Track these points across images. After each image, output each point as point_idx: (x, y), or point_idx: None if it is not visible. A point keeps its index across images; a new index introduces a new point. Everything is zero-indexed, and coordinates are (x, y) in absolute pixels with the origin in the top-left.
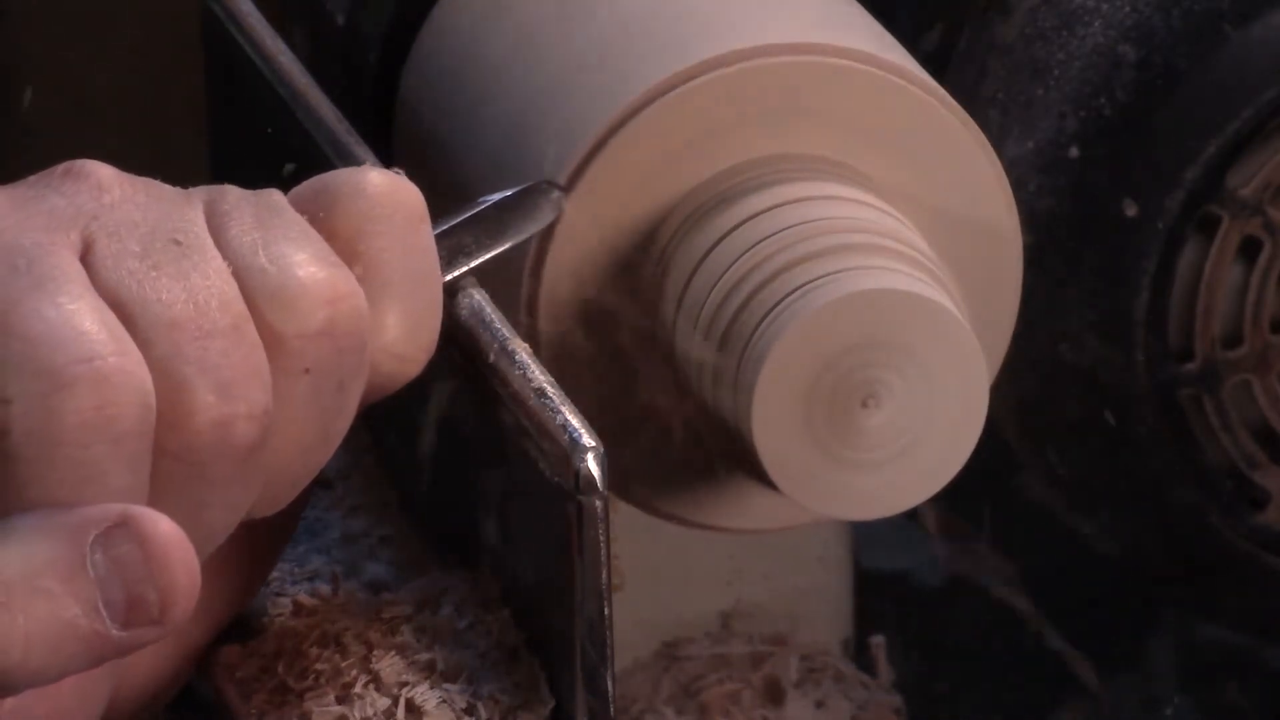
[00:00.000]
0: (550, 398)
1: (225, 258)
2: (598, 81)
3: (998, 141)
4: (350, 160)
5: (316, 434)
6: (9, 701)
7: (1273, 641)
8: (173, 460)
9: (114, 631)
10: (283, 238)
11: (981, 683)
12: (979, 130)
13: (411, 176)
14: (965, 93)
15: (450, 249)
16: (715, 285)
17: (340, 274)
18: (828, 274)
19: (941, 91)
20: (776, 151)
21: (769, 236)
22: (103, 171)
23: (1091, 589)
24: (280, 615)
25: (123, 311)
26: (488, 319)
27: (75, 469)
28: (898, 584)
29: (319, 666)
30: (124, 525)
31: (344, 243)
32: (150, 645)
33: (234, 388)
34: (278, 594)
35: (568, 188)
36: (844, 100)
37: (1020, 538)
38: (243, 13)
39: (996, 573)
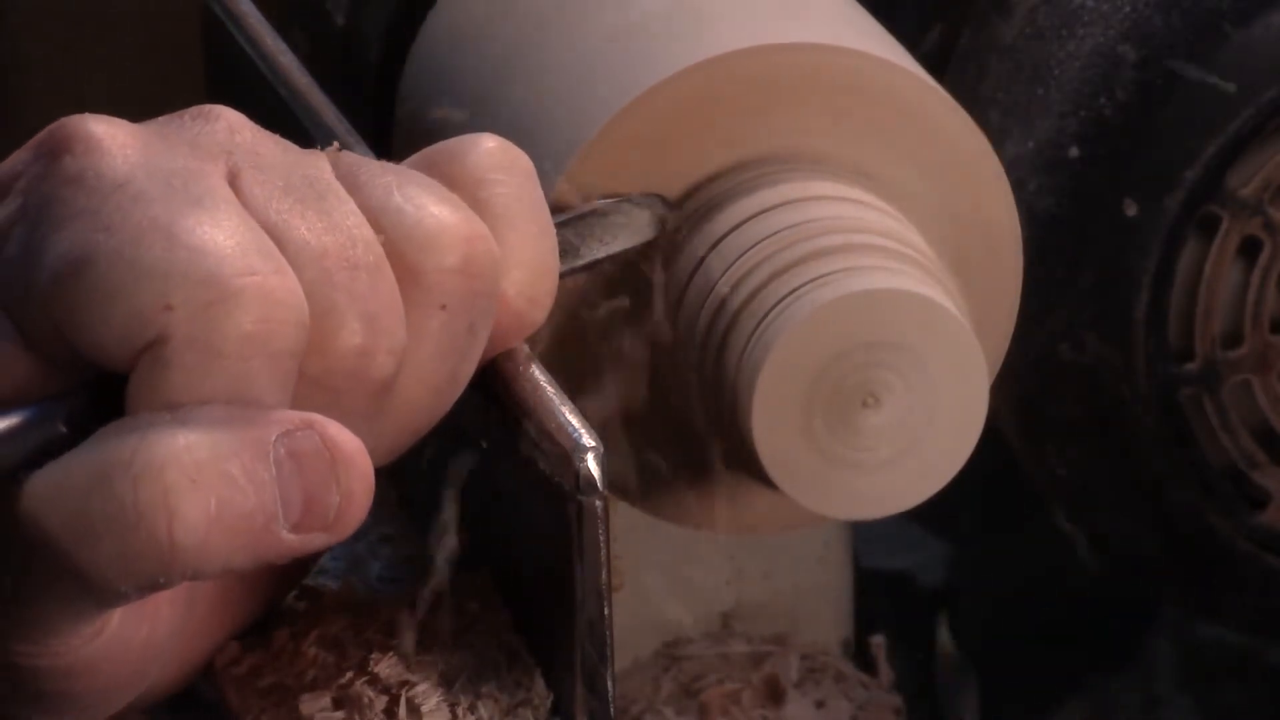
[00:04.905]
0: (550, 398)
1: (359, 201)
2: (597, 82)
3: (998, 141)
4: None
5: (445, 376)
6: (117, 614)
7: (1273, 641)
8: (311, 385)
9: (285, 532)
10: (413, 182)
11: (981, 683)
12: (979, 130)
13: None
14: (965, 93)
15: (560, 240)
16: (715, 284)
17: (473, 215)
18: (828, 274)
19: (941, 91)
20: (776, 151)
21: (769, 236)
22: (232, 115)
23: (1092, 589)
24: (280, 615)
25: (273, 236)
26: None
27: (231, 381)
28: (898, 584)
29: (318, 666)
30: (309, 429)
31: (467, 192)
32: (317, 548)
33: (379, 319)
34: None
35: (571, 180)
36: (844, 100)
37: (1020, 538)
38: (243, 13)
39: (996, 572)
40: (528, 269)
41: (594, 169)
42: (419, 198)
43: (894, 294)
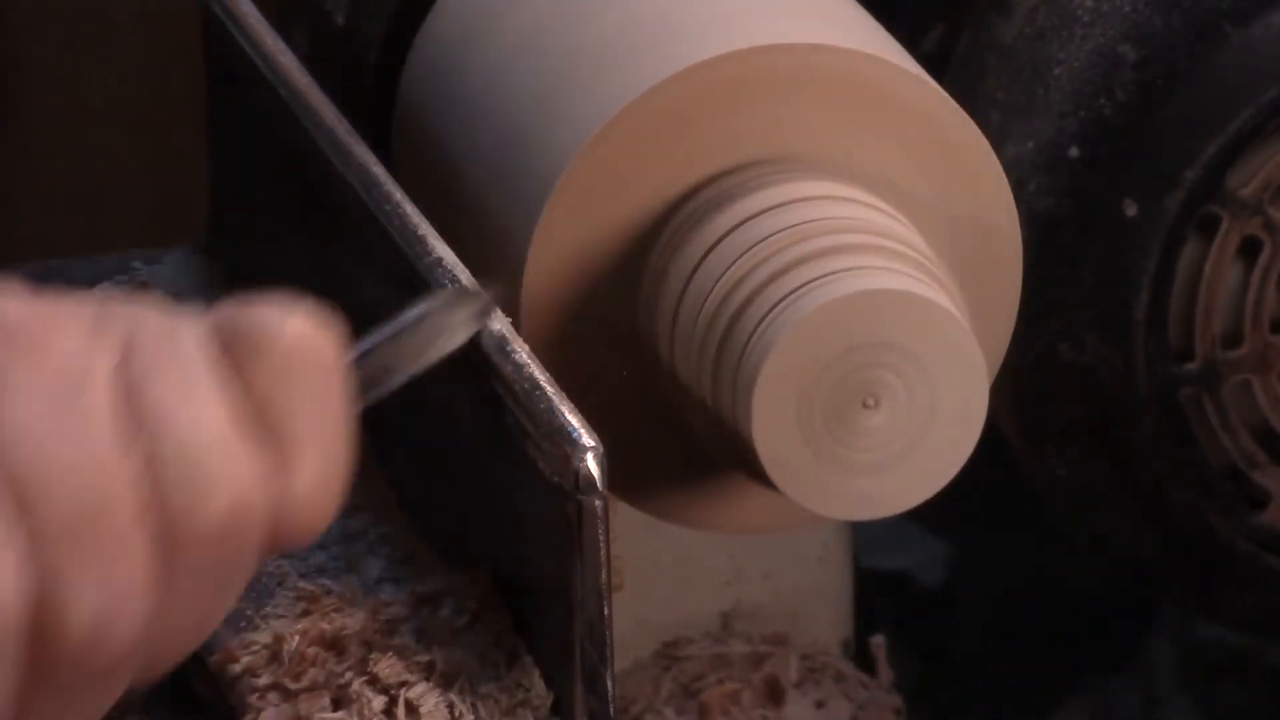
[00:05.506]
0: (550, 398)
1: (141, 418)
2: (596, 82)
3: (998, 141)
4: (350, 161)
5: (207, 613)
6: None
7: (1273, 641)
8: (44, 668)
9: None
10: (199, 402)
11: (981, 682)
12: (979, 130)
13: (411, 177)
14: (965, 93)
15: (371, 371)
16: (715, 285)
17: (254, 453)
18: (828, 274)
19: (941, 91)
20: (775, 152)
21: (768, 236)
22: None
23: (1091, 589)
24: (278, 615)
25: (14, 491)
26: None
27: None
28: (898, 584)
29: (317, 666)
30: None
31: (257, 399)
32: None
33: (118, 599)
34: (277, 591)
35: (554, 196)
36: (843, 100)
37: (1020, 538)
38: (243, 13)
39: (996, 573)
40: (311, 481)
41: (593, 171)
42: (196, 441)
43: (894, 294)
